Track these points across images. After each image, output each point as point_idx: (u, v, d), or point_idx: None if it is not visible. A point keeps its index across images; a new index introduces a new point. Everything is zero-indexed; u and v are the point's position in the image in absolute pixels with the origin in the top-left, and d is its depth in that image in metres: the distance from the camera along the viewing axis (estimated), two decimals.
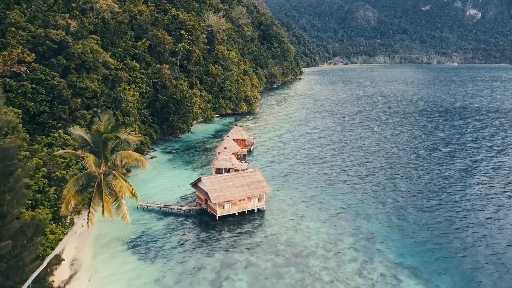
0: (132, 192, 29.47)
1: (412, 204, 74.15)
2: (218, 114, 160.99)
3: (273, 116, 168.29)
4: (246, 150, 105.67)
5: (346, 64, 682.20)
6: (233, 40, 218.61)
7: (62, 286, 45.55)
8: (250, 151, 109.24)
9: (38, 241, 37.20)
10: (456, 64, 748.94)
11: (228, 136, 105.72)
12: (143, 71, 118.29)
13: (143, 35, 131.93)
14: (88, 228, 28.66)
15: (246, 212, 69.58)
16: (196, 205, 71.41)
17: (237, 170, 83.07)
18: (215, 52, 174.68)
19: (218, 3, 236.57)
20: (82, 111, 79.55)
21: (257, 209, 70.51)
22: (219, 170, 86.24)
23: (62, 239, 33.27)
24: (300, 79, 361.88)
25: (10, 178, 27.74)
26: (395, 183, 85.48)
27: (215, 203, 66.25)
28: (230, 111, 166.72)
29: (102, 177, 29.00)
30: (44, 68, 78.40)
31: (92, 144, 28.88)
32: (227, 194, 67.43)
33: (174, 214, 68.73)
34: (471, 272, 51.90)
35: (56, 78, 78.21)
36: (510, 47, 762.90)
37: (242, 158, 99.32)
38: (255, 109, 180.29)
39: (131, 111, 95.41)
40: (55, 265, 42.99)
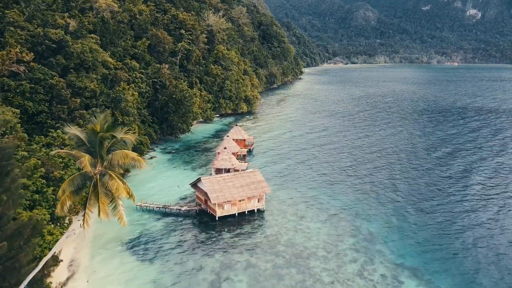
0: (129, 193, 29.01)
1: (412, 204, 73.77)
2: (218, 114, 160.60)
3: (273, 116, 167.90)
4: (246, 150, 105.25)
5: (346, 64, 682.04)
6: (233, 40, 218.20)
7: None
8: (250, 151, 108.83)
9: (35, 242, 36.81)
10: (456, 64, 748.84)
11: (228, 136, 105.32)
12: (143, 70, 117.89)
13: (143, 35, 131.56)
14: (84, 230, 28.19)
15: (246, 212, 69.19)
16: (196, 205, 71.00)
17: (237, 170, 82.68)
18: (215, 52, 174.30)
19: (218, 3, 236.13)
20: (81, 111, 79.18)
21: (257, 209, 70.12)
22: (219, 170, 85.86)
23: (59, 239, 32.80)
24: (300, 79, 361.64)
25: (6, 179, 27.35)
26: (395, 183, 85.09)
27: (214, 204, 65.85)
28: (230, 111, 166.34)
29: (98, 177, 28.54)
30: (43, 68, 77.97)
31: (87, 143, 28.42)
32: (226, 195, 67.02)
33: (174, 215, 68.33)
34: (472, 273, 51.53)
35: (55, 78, 77.80)
36: (510, 47, 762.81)
37: (242, 158, 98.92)
38: (255, 109, 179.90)
39: (131, 111, 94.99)
40: (52, 266, 42.56)
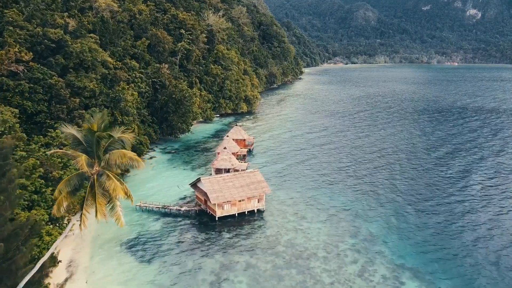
0: (126, 193, 28.66)
1: (412, 204, 73.42)
2: (217, 114, 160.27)
3: (273, 116, 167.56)
4: (246, 150, 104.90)
5: (346, 64, 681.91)
6: (233, 39, 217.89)
7: None
8: (250, 151, 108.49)
9: (33, 243, 36.47)
10: (456, 64, 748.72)
11: (227, 136, 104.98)
12: (143, 70, 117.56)
13: (143, 35, 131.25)
14: (80, 231, 27.88)
15: (246, 212, 68.82)
16: (195, 205, 70.65)
17: (237, 170, 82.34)
18: (215, 51, 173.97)
19: (218, 3, 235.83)
20: (80, 111, 78.82)
21: (257, 209, 69.76)
22: (218, 170, 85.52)
23: (56, 240, 32.39)
24: (300, 79, 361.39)
25: (3, 179, 27.02)
26: (395, 183, 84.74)
27: (214, 204, 65.50)
28: (230, 111, 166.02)
29: (95, 177, 28.19)
30: (42, 67, 77.65)
31: (84, 143, 28.08)
32: (226, 195, 66.67)
33: (173, 215, 67.99)
34: (473, 274, 51.19)
35: (54, 77, 77.46)
36: (510, 47, 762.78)
37: (242, 158, 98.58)
38: (255, 109, 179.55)
39: (130, 110, 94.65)
40: (51, 267, 42.20)
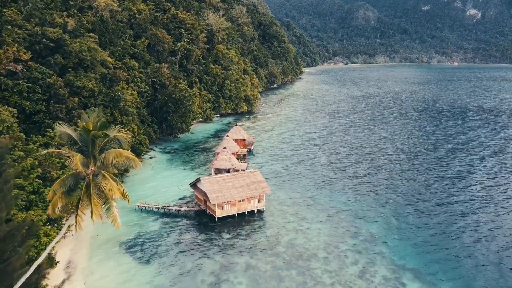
0: (123, 194, 28.16)
1: (413, 205, 72.96)
2: (217, 114, 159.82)
3: (273, 116, 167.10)
4: (246, 150, 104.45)
5: (346, 64, 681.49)
6: (233, 39, 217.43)
7: None
8: (250, 151, 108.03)
9: (30, 244, 36.01)
10: (456, 64, 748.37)
11: (227, 136, 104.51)
12: (142, 70, 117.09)
13: (142, 34, 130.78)
14: (76, 233, 27.44)
15: (246, 213, 68.37)
16: (195, 206, 70.19)
17: (236, 170, 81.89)
18: (215, 51, 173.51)
19: (218, 2, 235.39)
20: (79, 110, 78.31)
21: (257, 210, 69.32)
22: (218, 170, 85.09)
23: (52, 241, 31.91)
24: (300, 78, 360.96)
25: None
26: (395, 183, 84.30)
27: (214, 204, 65.06)
28: (230, 111, 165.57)
29: (91, 177, 27.71)
30: (41, 67, 77.22)
31: (80, 142, 27.60)
32: (226, 195, 66.22)
33: (173, 215, 67.54)
34: (473, 274, 50.75)
35: (53, 77, 77.04)
36: (510, 47, 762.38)
37: (242, 158, 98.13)
38: (255, 108, 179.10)
39: (130, 110, 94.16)
40: (48, 268, 41.73)
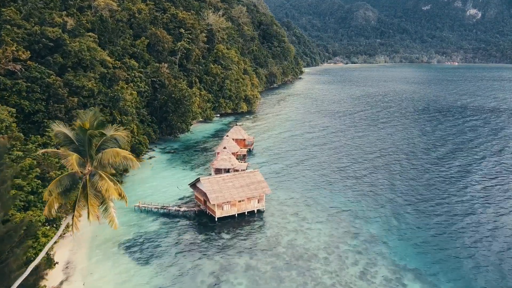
0: (120, 194, 27.82)
1: (413, 205, 72.61)
2: (217, 114, 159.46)
3: (273, 116, 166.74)
4: (246, 150, 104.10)
5: (346, 63, 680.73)
6: (233, 39, 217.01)
7: None
8: (250, 151, 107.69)
9: (28, 244, 35.70)
10: (456, 63, 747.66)
11: (227, 136, 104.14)
12: (142, 70, 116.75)
13: (142, 34, 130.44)
14: (72, 234, 27.13)
15: (246, 213, 68.04)
16: (195, 206, 69.86)
17: (236, 170, 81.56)
18: (215, 51, 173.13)
19: (218, 2, 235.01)
20: (79, 110, 77.91)
21: (257, 210, 68.99)
22: (218, 170, 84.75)
23: (49, 242, 31.57)
24: (300, 78, 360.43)
25: None
26: (396, 183, 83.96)
27: (214, 204, 64.73)
28: (229, 111, 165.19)
29: (88, 177, 27.35)
30: (40, 66, 76.84)
31: (76, 142, 27.26)
32: (226, 195, 65.89)
33: (172, 215, 67.20)
34: (474, 275, 50.42)
35: (52, 77, 76.66)
36: (510, 47, 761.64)
37: (242, 158, 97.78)
38: (255, 108, 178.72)
39: (129, 110, 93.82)
40: (47, 269, 41.38)
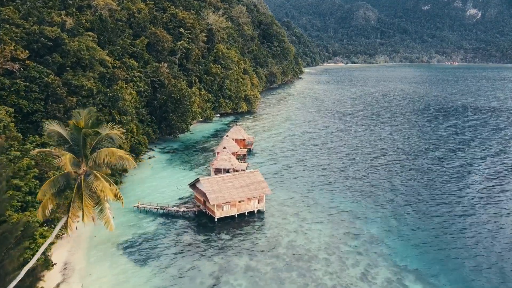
0: (116, 195, 27.31)
1: (413, 205, 72.15)
2: (217, 114, 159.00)
3: (273, 115, 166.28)
4: (246, 149, 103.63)
5: (347, 63, 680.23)
6: (232, 39, 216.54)
7: None
8: (250, 151, 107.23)
9: (25, 245, 35.23)
10: (456, 63, 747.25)
11: (227, 136, 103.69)
12: (141, 69, 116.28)
13: (142, 33, 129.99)
14: (67, 235, 26.67)
15: (246, 213, 67.59)
16: (194, 206, 69.40)
17: (236, 171, 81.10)
18: (215, 50, 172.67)
19: (217, 2, 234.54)
20: (78, 110, 77.45)
21: (257, 210, 68.53)
22: (218, 171, 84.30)
23: (44, 243, 31.10)
24: (300, 78, 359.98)
25: None
26: (396, 183, 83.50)
27: (213, 205, 64.27)
28: (229, 111, 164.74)
29: (83, 178, 26.86)
30: (38, 66, 76.33)
31: (70, 141, 26.78)
32: (226, 195, 65.43)
33: (172, 216, 66.72)
34: (477, 276, 49.99)
35: (51, 76, 76.14)
36: (511, 47, 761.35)
37: (242, 158, 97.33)
38: (255, 108, 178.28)
39: (128, 110, 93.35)
40: (44, 270, 40.92)
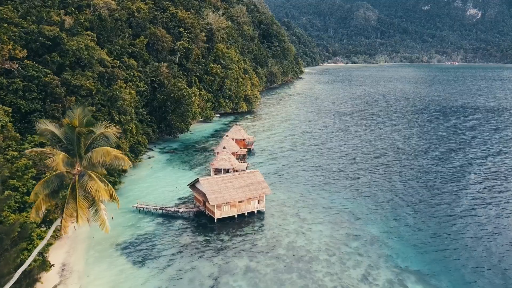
0: (111, 196, 26.79)
1: (414, 205, 71.66)
2: (217, 113, 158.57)
3: (273, 115, 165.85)
4: (246, 149, 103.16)
5: (347, 63, 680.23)
6: (232, 38, 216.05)
7: None
8: (249, 151, 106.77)
9: (22, 247, 34.78)
10: (456, 63, 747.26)
11: (227, 136, 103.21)
12: (141, 69, 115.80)
13: (141, 33, 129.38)
14: (62, 236, 26.17)
15: (246, 214, 67.11)
16: (194, 207, 68.94)
17: (236, 171, 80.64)
18: (215, 50, 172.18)
19: (217, 1, 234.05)
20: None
21: (257, 211, 68.06)
22: (218, 171, 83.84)
23: (39, 244, 30.62)
24: (300, 78, 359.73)
25: None
26: (396, 184, 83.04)
27: (213, 205, 63.81)
28: (229, 110, 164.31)
29: (77, 178, 26.36)
30: (37, 65, 75.80)
31: (64, 140, 26.26)
32: (225, 196, 64.97)
33: (171, 216, 66.25)
34: (478, 277, 49.51)
35: (49, 76, 75.63)
36: (511, 47, 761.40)
37: (242, 158, 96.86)
38: (255, 108, 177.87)
39: (128, 109, 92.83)
40: (41, 271, 40.45)
